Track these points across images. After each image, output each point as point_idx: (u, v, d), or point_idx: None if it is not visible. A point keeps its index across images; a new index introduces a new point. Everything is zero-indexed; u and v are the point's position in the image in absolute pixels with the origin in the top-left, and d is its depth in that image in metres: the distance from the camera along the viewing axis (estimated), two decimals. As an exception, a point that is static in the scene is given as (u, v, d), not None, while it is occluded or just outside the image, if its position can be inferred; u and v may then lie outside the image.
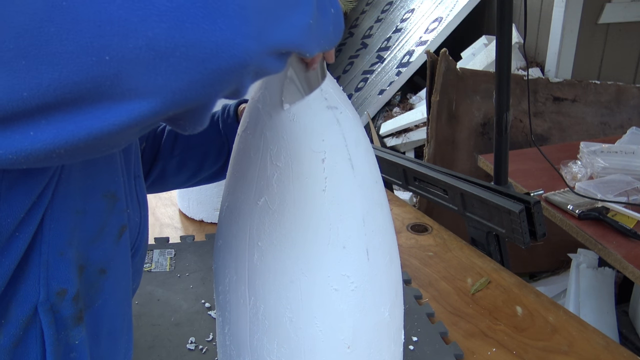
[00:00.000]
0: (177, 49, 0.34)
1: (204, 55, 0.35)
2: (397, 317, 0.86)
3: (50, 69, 0.33)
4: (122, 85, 0.34)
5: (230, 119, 1.00)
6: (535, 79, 2.84)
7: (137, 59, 0.33)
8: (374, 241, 0.78)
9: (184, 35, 0.34)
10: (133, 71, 0.34)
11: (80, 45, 0.32)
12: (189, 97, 0.36)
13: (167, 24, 0.33)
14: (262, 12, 0.37)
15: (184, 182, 1.07)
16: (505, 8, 1.43)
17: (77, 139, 0.36)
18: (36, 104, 0.34)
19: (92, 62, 0.33)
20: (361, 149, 0.77)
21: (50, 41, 0.32)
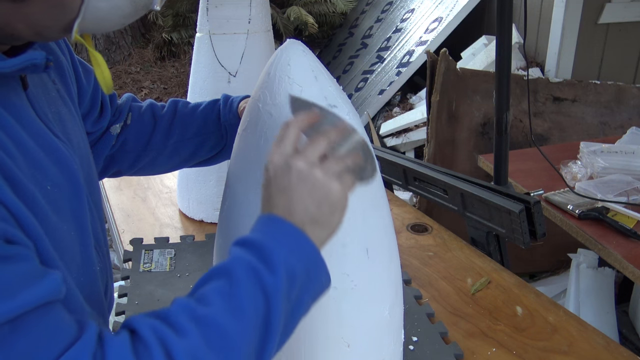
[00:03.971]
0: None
1: None
2: (397, 316, 0.86)
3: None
4: None
5: (232, 113, 1.00)
6: (535, 79, 2.84)
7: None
8: (374, 240, 0.78)
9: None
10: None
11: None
12: None
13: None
14: None
15: (173, 168, 1.07)
16: (505, 8, 1.43)
17: None
18: None
19: None
20: (361, 148, 0.77)
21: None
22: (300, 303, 0.60)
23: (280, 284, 0.56)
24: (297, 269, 0.58)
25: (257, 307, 0.55)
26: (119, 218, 1.66)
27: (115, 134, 0.98)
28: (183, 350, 0.51)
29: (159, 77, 6.06)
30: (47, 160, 0.63)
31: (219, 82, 1.49)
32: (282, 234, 0.59)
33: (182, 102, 1.05)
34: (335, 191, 0.60)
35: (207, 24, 1.47)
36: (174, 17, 5.91)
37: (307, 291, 0.60)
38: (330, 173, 0.61)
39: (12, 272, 0.47)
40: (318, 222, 0.61)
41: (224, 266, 0.58)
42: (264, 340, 0.56)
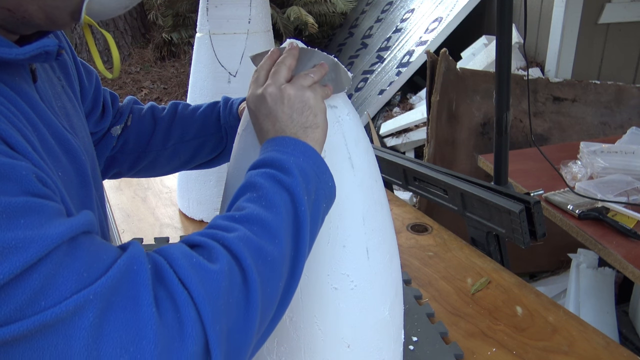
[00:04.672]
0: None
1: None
2: (397, 316, 0.86)
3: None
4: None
5: (232, 115, 1.00)
6: (535, 79, 2.84)
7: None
8: (374, 240, 0.78)
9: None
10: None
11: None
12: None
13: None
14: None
15: (173, 170, 1.08)
16: (505, 8, 1.43)
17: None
18: None
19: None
20: (361, 148, 0.77)
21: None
22: (318, 203, 0.65)
23: (298, 181, 0.62)
24: (307, 169, 0.64)
25: (284, 201, 0.61)
26: (119, 218, 1.66)
27: (116, 135, 0.99)
28: (235, 239, 0.55)
29: (159, 77, 6.06)
30: (58, 149, 0.65)
31: (219, 82, 1.49)
32: (284, 145, 0.66)
33: (183, 104, 1.06)
34: (308, 97, 0.68)
35: (207, 24, 1.47)
36: (174, 17, 5.92)
37: (320, 192, 0.66)
38: (299, 85, 0.69)
39: (55, 207, 0.50)
40: (307, 126, 0.68)
41: (246, 182, 0.63)
42: (297, 231, 0.61)
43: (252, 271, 0.54)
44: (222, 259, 0.53)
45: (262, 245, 0.57)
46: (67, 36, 0.84)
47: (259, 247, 0.56)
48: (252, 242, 0.56)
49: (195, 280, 0.51)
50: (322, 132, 0.69)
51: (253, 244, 0.56)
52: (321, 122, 0.69)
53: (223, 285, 0.52)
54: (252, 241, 0.56)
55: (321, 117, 0.69)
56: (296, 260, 0.61)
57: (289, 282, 0.60)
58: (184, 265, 0.51)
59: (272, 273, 0.57)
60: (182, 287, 0.50)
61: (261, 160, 0.65)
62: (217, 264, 0.53)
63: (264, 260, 0.56)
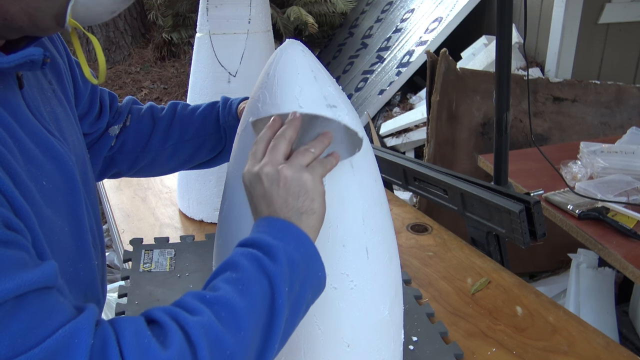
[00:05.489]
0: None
1: None
2: (396, 316, 0.86)
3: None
4: None
5: (231, 115, 1.00)
6: (535, 79, 2.84)
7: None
8: (374, 240, 0.78)
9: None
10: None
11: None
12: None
13: None
14: None
15: (172, 169, 1.08)
16: (505, 8, 1.43)
17: None
18: None
19: None
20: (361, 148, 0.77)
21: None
22: (302, 294, 0.62)
23: (282, 270, 0.60)
24: (295, 257, 0.61)
25: (262, 289, 0.58)
26: (119, 218, 1.66)
27: (114, 135, 0.99)
28: (196, 324, 0.53)
29: (159, 77, 6.06)
30: (42, 157, 0.64)
31: (219, 82, 1.49)
32: (276, 228, 0.63)
33: (182, 104, 1.06)
34: (306, 180, 0.65)
35: (207, 24, 1.47)
36: (174, 17, 5.91)
37: (307, 282, 0.63)
38: (297, 166, 0.65)
39: (13, 256, 0.48)
40: (303, 212, 0.65)
41: (228, 260, 0.61)
42: (270, 323, 0.58)
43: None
44: (175, 344, 0.51)
45: (224, 336, 0.54)
46: (64, 37, 0.84)
47: (220, 337, 0.54)
48: (213, 331, 0.54)
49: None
50: (318, 217, 0.66)
51: (214, 333, 0.54)
52: (317, 207, 0.66)
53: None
54: (213, 330, 0.54)
55: (318, 202, 0.66)
56: (262, 355, 0.58)
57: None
58: (131, 346, 0.50)
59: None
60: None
61: (250, 239, 0.63)
62: (168, 350, 0.51)
63: (222, 352, 0.54)
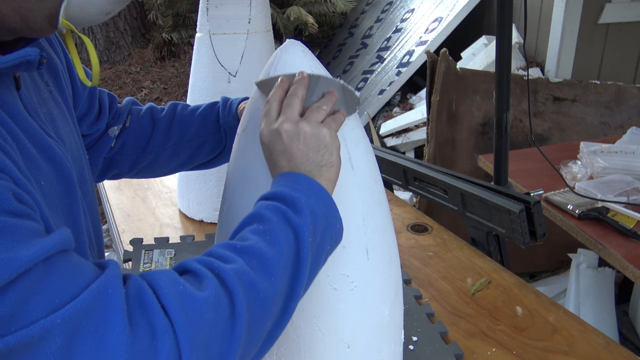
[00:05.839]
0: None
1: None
2: (396, 316, 0.86)
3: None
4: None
5: (231, 115, 1.00)
6: (535, 79, 2.84)
7: None
8: (374, 241, 0.78)
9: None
10: None
11: None
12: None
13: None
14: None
15: (172, 170, 1.08)
16: (505, 8, 1.43)
17: None
18: None
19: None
20: (361, 148, 0.77)
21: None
22: (323, 245, 0.65)
23: (306, 222, 0.62)
24: (317, 210, 0.64)
25: (288, 240, 0.61)
26: (119, 218, 1.66)
27: (114, 136, 0.99)
28: (231, 271, 0.55)
29: (159, 77, 6.06)
30: (40, 157, 0.64)
31: (219, 82, 1.49)
32: (298, 182, 0.66)
33: (182, 104, 1.05)
34: (325, 134, 0.68)
35: (207, 24, 1.47)
36: (174, 17, 5.91)
37: (327, 234, 0.66)
38: (314, 122, 0.68)
39: (29, 226, 0.49)
40: (323, 165, 0.68)
41: (254, 212, 0.63)
42: (296, 271, 0.61)
43: (242, 306, 0.54)
44: (211, 288, 0.53)
45: (257, 281, 0.56)
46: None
47: (253, 282, 0.56)
48: (247, 276, 0.56)
49: (178, 307, 0.50)
50: (337, 170, 0.69)
51: (248, 278, 0.56)
52: (336, 160, 0.69)
53: (207, 315, 0.51)
54: (247, 275, 0.56)
55: (336, 155, 0.69)
56: (290, 300, 0.60)
57: (279, 320, 0.60)
58: (168, 292, 0.51)
59: (262, 310, 0.56)
60: (162, 314, 0.49)
61: (273, 193, 0.65)
62: (204, 292, 0.52)
63: (255, 296, 0.56)
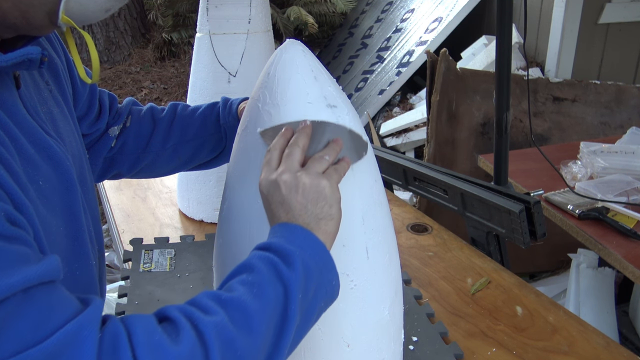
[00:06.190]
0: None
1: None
2: (396, 316, 0.86)
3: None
4: None
5: (231, 115, 1.00)
6: (535, 79, 2.84)
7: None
8: (374, 240, 0.78)
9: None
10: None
11: None
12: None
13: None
14: None
15: (172, 170, 1.07)
16: (505, 8, 1.43)
17: None
18: None
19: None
20: (361, 148, 0.77)
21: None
22: (315, 302, 0.63)
23: (298, 277, 0.61)
24: (311, 265, 0.62)
25: (277, 294, 0.59)
26: (119, 218, 1.66)
27: (114, 135, 0.99)
28: (210, 324, 0.54)
29: (159, 77, 6.06)
30: (39, 157, 0.64)
31: (219, 82, 1.49)
32: (294, 234, 0.64)
33: (182, 105, 1.06)
34: (324, 186, 0.66)
35: (207, 24, 1.47)
36: (174, 17, 5.91)
37: (321, 290, 0.64)
38: (314, 173, 0.67)
39: (16, 251, 0.49)
40: (321, 218, 0.66)
41: (245, 263, 0.62)
42: (281, 328, 0.59)
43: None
44: (186, 342, 0.52)
45: (236, 337, 0.55)
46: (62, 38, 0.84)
47: (232, 337, 0.55)
48: (226, 330, 0.55)
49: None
50: (336, 223, 0.68)
51: (227, 333, 0.55)
52: (335, 213, 0.67)
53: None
54: (226, 330, 0.55)
55: (336, 208, 0.67)
56: (273, 357, 0.59)
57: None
58: (142, 342, 0.50)
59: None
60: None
61: (267, 244, 0.64)
62: (179, 346, 0.51)
63: (233, 352, 0.54)
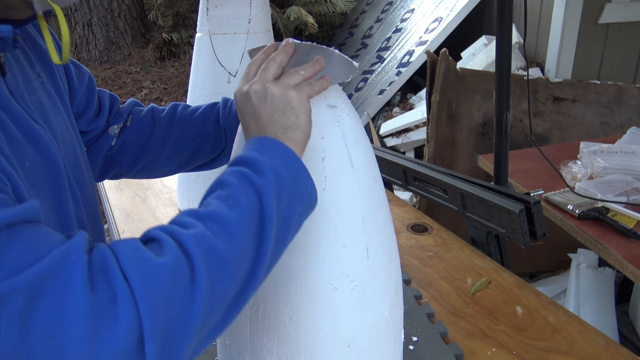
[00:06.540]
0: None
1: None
2: (396, 316, 0.86)
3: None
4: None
5: (231, 115, 1.00)
6: (535, 79, 2.84)
7: None
8: (374, 240, 0.78)
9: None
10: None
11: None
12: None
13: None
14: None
15: (172, 170, 1.08)
16: (505, 8, 1.43)
17: None
18: None
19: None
20: (361, 148, 0.77)
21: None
22: (292, 207, 0.65)
23: (269, 183, 0.62)
24: (282, 172, 0.64)
25: (251, 201, 0.61)
26: (119, 218, 1.66)
27: (114, 134, 0.99)
28: (189, 235, 0.56)
29: (159, 77, 6.06)
30: (24, 140, 0.65)
31: (219, 82, 1.49)
32: (263, 145, 0.66)
33: (182, 105, 1.06)
34: (292, 97, 0.68)
35: (207, 24, 1.47)
36: (174, 17, 5.91)
37: (297, 195, 0.65)
38: (284, 85, 0.69)
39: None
40: (288, 127, 0.68)
41: (219, 179, 0.64)
42: (261, 232, 0.61)
43: (201, 269, 0.54)
44: (170, 253, 0.54)
45: (216, 244, 0.56)
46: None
47: (213, 245, 0.56)
48: (206, 239, 0.56)
49: (137, 273, 0.51)
50: (303, 133, 0.69)
51: (207, 241, 0.56)
52: (303, 123, 0.69)
53: (165, 279, 0.52)
54: (206, 239, 0.56)
55: (303, 119, 0.69)
56: (257, 262, 0.60)
57: (246, 282, 0.60)
58: (129, 259, 0.52)
59: (224, 272, 0.57)
60: (123, 280, 0.51)
61: (238, 158, 0.66)
62: (163, 258, 0.53)
63: (215, 258, 0.56)
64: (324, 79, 0.73)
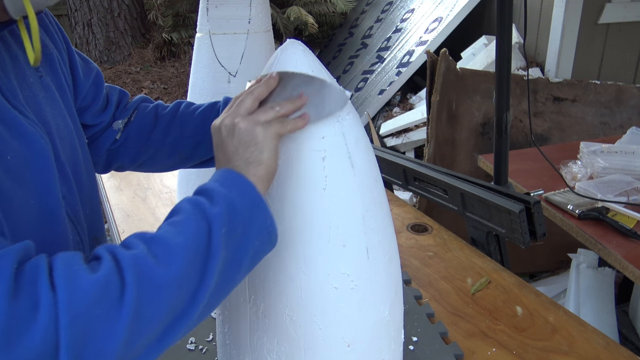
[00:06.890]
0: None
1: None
2: (396, 315, 0.86)
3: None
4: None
5: None
6: (535, 79, 2.84)
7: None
8: (374, 240, 0.78)
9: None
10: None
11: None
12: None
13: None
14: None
15: (174, 166, 1.09)
16: (505, 8, 1.43)
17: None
18: None
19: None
20: (361, 147, 0.77)
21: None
22: (246, 240, 0.65)
23: (221, 213, 0.63)
24: (237, 203, 0.65)
25: (199, 229, 0.62)
26: (119, 218, 1.66)
27: (118, 129, 1.02)
28: (128, 255, 0.57)
29: (159, 77, 6.06)
30: (7, 134, 0.67)
31: (219, 82, 1.49)
32: (224, 177, 0.68)
33: (186, 102, 1.08)
34: (257, 132, 0.70)
35: (207, 24, 1.47)
36: (174, 17, 5.92)
37: (252, 229, 0.66)
38: (253, 120, 0.70)
39: None
40: (251, 162, 0.69)
41: (175, 207, 0.66)
42: (206, 261, 0.61)
43: (130, 289, 0.54)
44: (103, 270, 0.54)
45: (153, 267, 0.57)
46: (68, 36, 0.86)
47: (149, 268, 0.57)
48: (143, 261, 0.57)
49: (65, 285, 0.52)
50: (267, 168, 0.70)
51: (144, 263, 0.57)
52: (266, 159, 0.69)
53: (91, 295, 0.53)
54: (144, 261, 0.57)
55: (267, 154, 0.69)
56: (199, 290, 0.60)
57: (184, 309, 0.60)
58: (61, 272, 0.53)
59: (157, 296, 0.57)
60: (49, 290, 0.52)
61: (199, 188, 0.67)
62: (96, 274, 0.54)
63: (149, 281, 0.56)
64: (302, 117, 0.73)
